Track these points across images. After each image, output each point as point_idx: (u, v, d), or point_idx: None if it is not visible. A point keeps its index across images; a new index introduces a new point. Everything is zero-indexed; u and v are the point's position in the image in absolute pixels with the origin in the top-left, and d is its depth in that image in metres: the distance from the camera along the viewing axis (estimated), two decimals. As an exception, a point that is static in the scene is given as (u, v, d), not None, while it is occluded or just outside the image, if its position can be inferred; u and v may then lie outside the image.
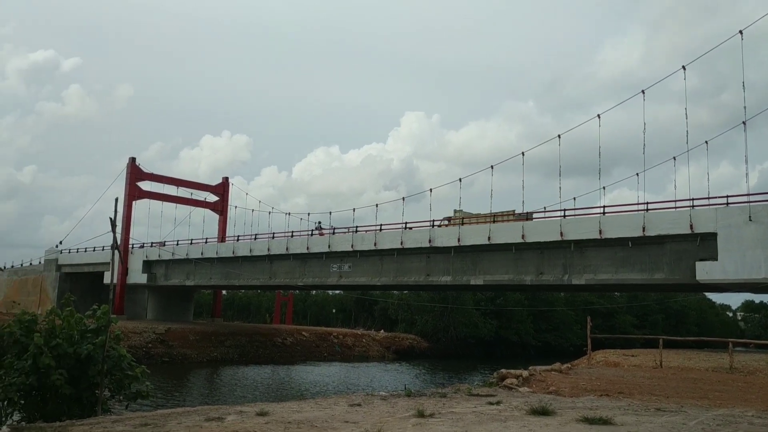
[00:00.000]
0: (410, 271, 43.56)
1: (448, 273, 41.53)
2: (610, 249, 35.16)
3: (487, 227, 39.36)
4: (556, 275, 37.15)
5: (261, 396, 33.25)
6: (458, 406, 12.69)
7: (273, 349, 59.42)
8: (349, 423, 10.19)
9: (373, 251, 44.86)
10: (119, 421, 10.40)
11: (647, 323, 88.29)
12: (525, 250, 38.16)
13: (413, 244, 42.50)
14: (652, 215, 33.78)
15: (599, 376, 19.50)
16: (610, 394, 15.20)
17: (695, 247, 32.23)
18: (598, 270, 35.67)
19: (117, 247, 14.28)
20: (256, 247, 53.73)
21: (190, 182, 73.28)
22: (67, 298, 14.66)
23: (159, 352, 50.49)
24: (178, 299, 69.10)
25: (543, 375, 18.61)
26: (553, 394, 15.27)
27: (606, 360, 25.81)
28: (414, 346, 72.67)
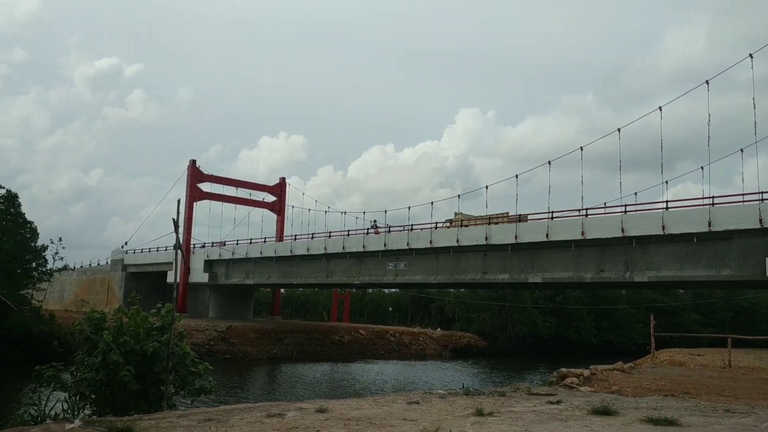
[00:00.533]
0: (466, 269, 43.28)
1: (506, 271, 41.05)
2: (673, 245, 34.09)
3: (545, 224, 38.73)
4: (618, 272, 36.26)
5: (319, 393, 33.65)
6: (517, 405, 12.55)
7: (330, 347, 59.99)
8: (407, 421, 10.20)
9: (429, 249, 44.78)
10: (184, 416, 10.70)
11: (714, 321, 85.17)
12: (585, 247, 37.38)
13: (469, 241, 42.20)
14: (719, 210, 32.57)
15: (664, 375, 18.95)
16: (675, 395, 14.77)
17: (765, 243, 30.90)
18: (661, 267, 34.64)
19: (180, 247, 14.68)
20: (313, 246, 54.36)
21: (249, 183, 74.78)
22: (133, 297, 15.17)
23: (220, 349, 51.67)
24: (238, 298, 70.62)
25: (605, 374, 18.20)
26: (615, 393, 14.94)
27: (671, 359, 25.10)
28: (471, 345, 72.17)
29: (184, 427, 9.49)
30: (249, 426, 9.53)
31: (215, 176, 71.22)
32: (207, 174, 70.16)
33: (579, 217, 37.80)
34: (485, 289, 68.57)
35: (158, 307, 14.73)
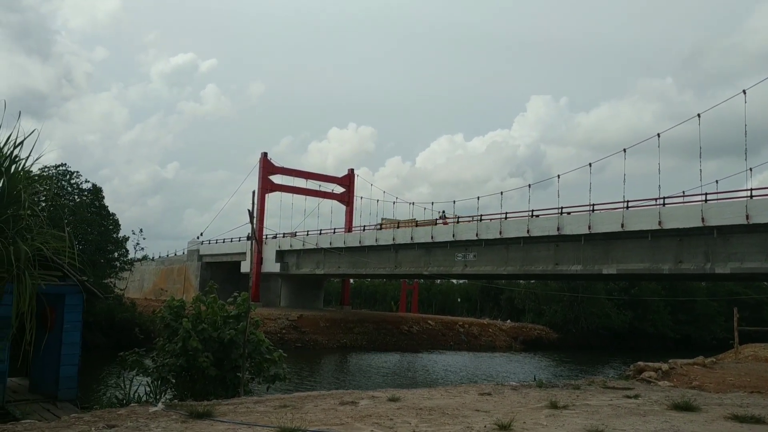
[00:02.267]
0: (537, 260, 42.58)
1: (578, 262, 40.16)
2: (758, 235, 32.48)
3: (620, 213, 37.61)
4: (697, 264, 34.87)
5: (389, 382, 33.89)
6: (593, 398, 12.27)
7: (399, 337, 60.30)
8: (480, 412, 10.14)
9: (498, 240, 44.27)
10: (260, 401, 10.97)
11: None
12: (662, 237, 36.11)
13: (540, 232, 41.48)
14: (809, 198, 30.80)
15: (749, 371, 18.13)
16: (762, 391, 14.10)
17: None
18: (744, 258, 33.08)
19: (254, 238, 15.04)
20: (382, 236, 54.66)
21: (318, 174, 75.88)
22: (210, 286, 15.67)
23: (292, 337, 52.75)
24: (309, 287, 71.88)
25: (684, 369, 17.57)
26: (696, 389, 14.40)
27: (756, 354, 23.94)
28: (542, 337, 71.03)
29: (260, 412, 9.74)
30: (323, 413, 9.69)
31: (286, 168, 72.59)
32: (278, 166, 71.56)
33: (656, 207, 36.52)
34: (557, 280, 67.30)
35: (234, 296, 15.17)
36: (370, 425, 8.69)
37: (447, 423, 8.98)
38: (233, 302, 14.95)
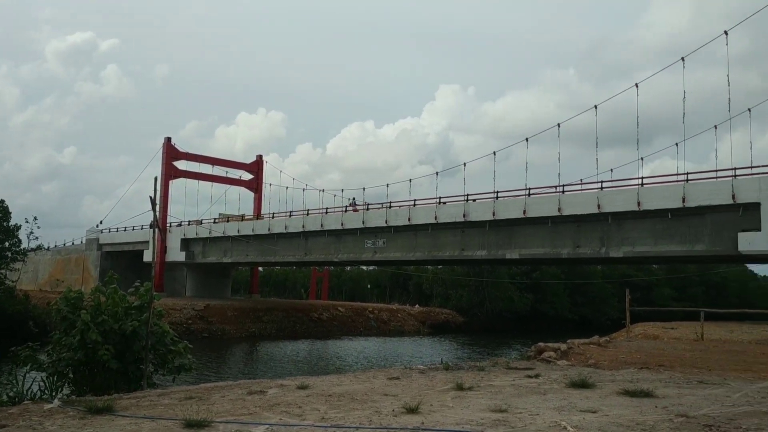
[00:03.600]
0: (445, 246, 43.51)
1: (484, 247, 41.37)
2: (648, 221, 34.56)
3: (522, 200, 38.97)
4: (594, 248, 36.73)
5: (300, 370, 33.80)
6: (497, 379, 12.71)
7: (310, 324, 60.17)
8: (388, 396, 10.29)
9: (407, 226, 44.89)
10: (164, 394, 10.68)
11: (686, 296, 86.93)
12: (561, 224, 37.77)
13: (447, 218, 42.38)
14: (692, 186, 33.05)
15: (639, 348, 19.32)
16: (650, 367, 15.06)
17: (737, 218, 31.48)
18: (636, 242, 35.16)
19: (157, 226, 14.54)
20: (291, 224, 54.18)
21: (225, 161, 74.07)
22: (110, 276, 15.02)
23: (199, 327, 51.53)
24: (216, 276, 70.31)
25: (581, 348, 18.50)
26: (592, 367, 15.19)
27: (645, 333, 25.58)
28: (449, 321, 72.84)
29: (164, 405, 9.47)
30: (230, 403, 9.54)
31: (191, 154, 70.43)
32: (182, 152, 69.33)
33: (556, 194, 38.09)
34: (463, 265, 69.12)
35: (136, 286, 14.62)
36: (278, 414, 8.64)
37: (356, 408, 9.05)
38: (135, 293, 14.41)
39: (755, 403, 9.98)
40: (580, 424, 7.85)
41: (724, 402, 10.00)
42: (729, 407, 9.46)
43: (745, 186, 31.16)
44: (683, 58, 36.40)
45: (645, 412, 8.82)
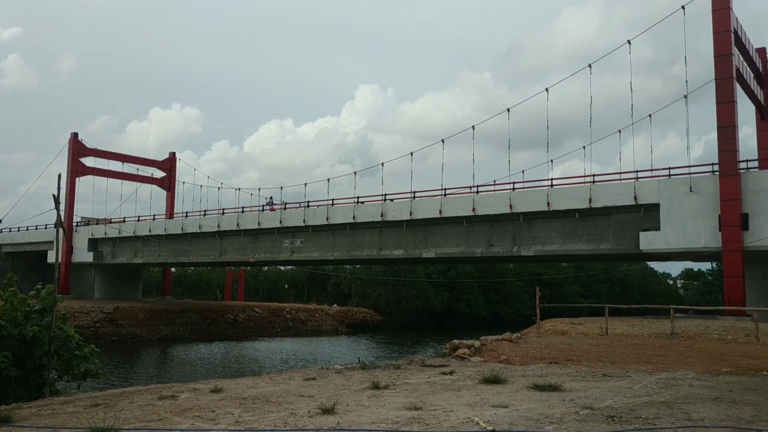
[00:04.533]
0: (363, 246, 43.68)
1: (401, 246, 41.82)
2: (558, 220, 35.94)
3: (438, 200, 39.64)
4: (506, 247, 37.81)
5: (214, 373, 33.06)
6: (412, 377, 12.87)
7: (225, 326, 59.01)
8: (304, 397, 10.22)
9: (326, 226, 44.79)
10: (68, 402, 10.19)
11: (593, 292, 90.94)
12: (476, 223, 38.69)
13: (365, 218, 42.58)
14: (598, 187, 34.62)
15: (548, 344, 20.02)
16: (558, 362, 15.64)
17: (639, 218, 33.25)
18: (546, 241, 36.47)
19: (61, 225, 13.87)
20: (206, 223, 52.95)
21: (136, 158, 71.44)
22: (9, 279, 14.21)
23: (107, 331, 49.57)
24: (126, 277, 67.71)
25: (494, 345, 18.99)
26: (504, 363, 15.62)
27: (554, 329, 26.49)
28: (367, 320, 73.17)
29: (68, 413, 9.04)
30: (140, 409, 9.22)
31: (99, 150, 67.52)
32: (90, 148, 66.36)
33: (470, 194, 38.98)
34: (381, 264, 69.61)
35: (37, 288, 13.89)
36: (190, 419, 8.41)
37: (271, 411, 8.94)
38: (36, 295, 13.69)
39: (653, 393, 10.56)
40: (492, 419, 8.06)
41: (625, 393, 10.52)
42: (630, 398, 9.97)
43: (646, 188, 32.93)
44: (590, 65, 38.03)
45: (553, 406, 9.16)
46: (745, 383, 11.99)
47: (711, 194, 31.14)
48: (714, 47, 32.22)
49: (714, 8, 32.37)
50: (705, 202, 31.24)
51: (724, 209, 30.54)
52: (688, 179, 32.10)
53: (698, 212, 31.33)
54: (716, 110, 31.80)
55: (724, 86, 31.68)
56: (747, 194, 30.43)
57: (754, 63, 37.92)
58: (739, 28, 33.77)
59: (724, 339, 22.07)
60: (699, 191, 31.48)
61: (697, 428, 7.65)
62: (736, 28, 32.99)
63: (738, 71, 33.18)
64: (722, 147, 31.37)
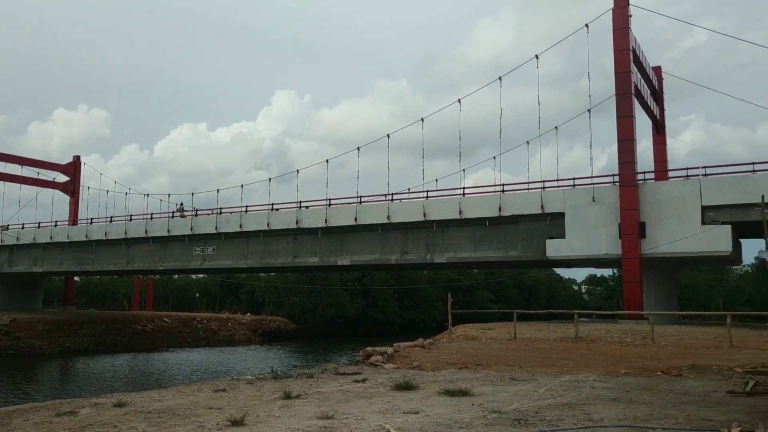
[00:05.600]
0: (277, 253, 43.22)
1: (316, 254, 41.64)
2: (469, 228, 36.83)
3: (354, 208, 39.77)
4: (420, 254, 38.37)
5: (119, 386, 31.73)
6: (325, 385, 12.83)
7: (132, 337, 56.78)
8: (213, 409, 10.00)
9: (239, 233, 44.04)
10: (-45, 422, 9.53)
11: (503, 298, 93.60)
12: (390, 231, 39.06)
13: (280, 225, 42.20)
14: (507, 196, 35.76)
15: (459, 349, 20.45)
16: (469, 367, 16.00)
17: (546, 226, 34.54)
18: (458, 248, 37.27)
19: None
20: (112, 230, 50.88)
21: (36, 161, 67.75)
22: None
23: (3, 344, 46.66)
24: (24, 287, 63.93)
25: (407, 351, 19.22)
26: (416, 369, 15.83)
27: (465, 334, 27.08)
28: (281, 328, 72.23)
29: (-45, 434, 8.46)
30: (35, 427, 8.74)
31: (-6, 152, 63.60)
32: (-15, 150, 62.41)
33: (385, 202, 39.38)
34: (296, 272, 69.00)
35: None
36: (91, 435, 8.05)
37: (178, 425, 8.69)
38: None
39: (558, 396, 10.98)
40: (403, 426, 8.15)
41: (531, 396, 10.89)
42: (536, 401, 10.33)
43: (552, 197, 34.30)
44: (500, 78, 39.26)
45: (462, 410, 9.37)
46: (642, 384, 12.67)
47: (612, 204, 32.77)
48: (614, 64, 34.05)
49: (614, 28, 34.22)
50: (606, 211, 32.84)
51: (623, 218, 32.21)
52: (591, 189, 33.68)
53: (600, 221, 32.90)
54: (616, 124, 33.58)
55: (624, 102, 33.51)
56: (644, 204, 32.23)
57: (651, 81, 40.28)
58: (637, 47, 35.80)
59: (623, 342, 23.25)
60: (601, 201, 33.06)
61: (597, 428, 8.02)
62: (634, 47, 34.96)
63: (636, 88, 35.15)
64: (622, 159, 33.14)
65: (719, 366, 15.49)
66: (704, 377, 13.81)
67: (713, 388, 12.01)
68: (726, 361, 16.60)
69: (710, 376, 13.92)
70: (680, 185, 32.28)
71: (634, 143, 33.58)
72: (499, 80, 39.21)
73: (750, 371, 14.30)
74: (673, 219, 31.54)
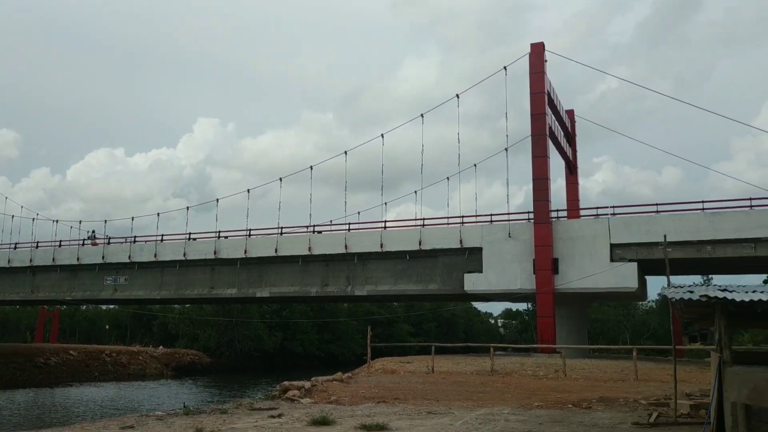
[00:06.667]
0: (193, 284, 42.11)
1: (234, 285, 40.84)
2: (390, 261, 37.11)
3: (275, 239, 39.38)
4: (341, 286, 38.29)
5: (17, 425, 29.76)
6: (239, 421, 12.51)
7: (34, 371, 53.50)
8: (120, 448, 9.56)
9: (153, 263, 42.69)
10: None
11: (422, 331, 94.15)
12: (312, 263, 38.85)
13: (197, 255, 41.23)
14: (428, 231, 36.37)
15: (377, 383, 20.40)
16: (387, 401, 15.99)
17: (464, 260, 35.26)
18: (379, 281, 37.44)
19: None
20: (16, 257, 48.25)
21: (-66, 182, 63.70)
22: None
23: None
24: None
25: (325, 385, 19.01)
26: (334, 403, 15.68)
27: (384, 368, 27.06)
28: (196, 362, 69.89)
29: None
30: None
31: None
32: None
33: (307, 234, 39.22)
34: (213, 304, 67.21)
35: None
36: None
37: (80, 464, 8.26)
38: None
39: (473, 429, 11.14)
40: (318, 462, 8.04)
41: (447, 430, 11.00)
42: (451, 434, 10.43)
43: (471, 232, 35.13)
44: (422, 115, 40.19)
45: (378, 445, 9.34)
46: (554, 416, 13.03)
47: (527, 240, 33.86)
48: (530, 107, 35.51)
49: (531, 71, 35.78)
50: (522, 247, 33.88)
51: (537, 254, 33.31)
52: (507, 226, 34.73)
53: (516, 256, 33.89)
54: (532, 163, 34.90)
55: (539, 142, 34.93)
56: (557, 241, 33.47)
57: (565, 123, 42.21)
58: (552, 91, 37.52)
59: (537, 375, 23.85)
60: (516, 237, 34.11)
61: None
62: (549, 90, 36.64)
63: (551, 129, 36.74)
64: (536, 197, 34.40)
65: (626, 398, 16.12)
66: (612, 409, 14.34)
67: (620, 419, 12.49)
68: (632, 393, 17.31)
69: (618, 408, 14.47)
70: (591, 223, 33.77)
71: (548, 182, 34.95)
72: (421, 117, 40.12)
73: (654, 403, 14.98)
74: (584, 256, 32.88)
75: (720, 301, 8.28)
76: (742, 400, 8.20)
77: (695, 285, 10.20)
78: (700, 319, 11.56)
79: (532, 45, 36.30)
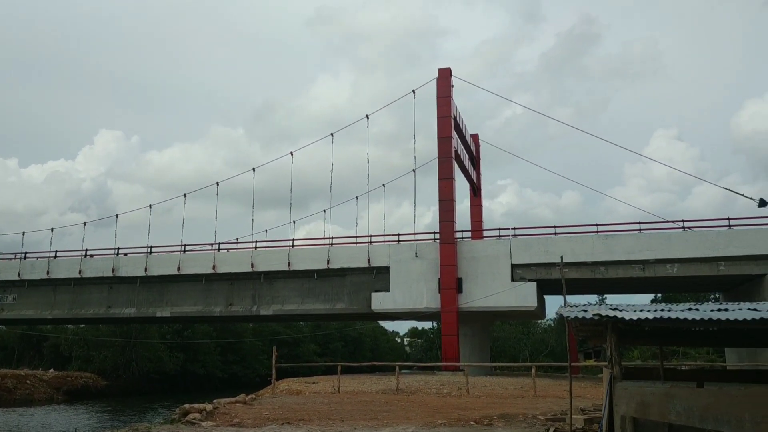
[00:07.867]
0: (89, 303, 40.19)
1: (133, 305, 39.29)
2: (297, 280, 36.84)
3: (177, 256, 38.23)
4: (246, 306, 37.60)
5: None
6: (136, 447, 12.01)
7: None
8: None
9: (46, 280, 40.44)
10: None
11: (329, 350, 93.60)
12: (216, 281, 37.96)
13: (94, 273, 39.42)
14: (336, 249, 36.40)
15: (282, 404, 20.12)
16: (291, 422, 15.80)
17: (371, 279, 35.51)
18: (286, 300, 37.05)
19: None
20: None
21: None
22: None
23: None
24: None
25: (227, 407, 18.56)
26: (236, 426, 15.33)
27: (289, 388, 26.73)
28: (89, 385, 66.15)
29: None
30: None
31: None
32: None
33: (211, 252, 38.32)
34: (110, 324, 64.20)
35: None
36: None
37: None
38: None
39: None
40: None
41: (351, 450, 10.99)
42: (355, 454, 10.44)
43: (378, 252, 35.47)
44: (332, 134, 40.39)
45: (282, 467, 9.22)
46: (455, 433, 13.29)
47: (433, 260, 34.55)
48: (438, 130, 36.44)
49: (438, 96, 36.78)
50: (428, 266, 34.53)
51: (442, 274, 34.03)
52: (414, 245, 35.32)
53: (422, 276, 34.49)
54: (438, 185, 35.74)
55: (444, 165, 35.86)
56: (462, 260, 34.34)
57: (470, 146, 43.54)
58: (458, 115, 38.67)
59: (441, 393, 24.26)
60: (423, 257, 34.74)
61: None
62: (455, 114, 37.74)
63: (457, 152, 37.80)
64: (442, 218, 35.21)
65: (525, 414, 16.68)
66: (512, 425, 14.80)
67: (518, 435, 12.90)
68: (531, 409, 17.93)
69: (517, 424, 14.95)
70: (493, 244, 34.89)
71: (454, 203, 35.87)
72: (331, 136, 40.30)
73: (551, 418, 15.60)
74: (486, 275, 33.89)
75: (611, 319, 8.75)
76: (630, 413, 8.68)
77: (590, 304, 10.76)
78: (594, 336, 12.16)
79: (439, 70, 37.34)
